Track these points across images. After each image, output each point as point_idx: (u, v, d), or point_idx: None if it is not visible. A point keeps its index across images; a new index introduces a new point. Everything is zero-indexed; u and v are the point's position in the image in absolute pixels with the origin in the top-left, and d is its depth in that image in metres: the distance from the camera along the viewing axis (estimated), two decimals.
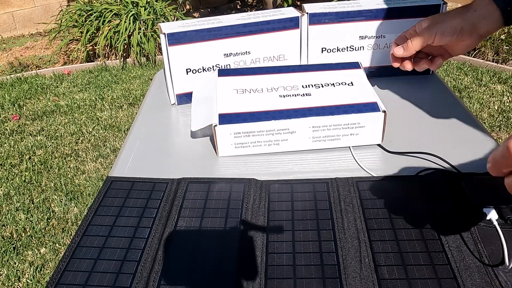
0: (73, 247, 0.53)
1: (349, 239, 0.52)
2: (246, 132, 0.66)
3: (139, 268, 0.50)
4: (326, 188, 0.60)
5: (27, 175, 2.07)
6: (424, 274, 0.47)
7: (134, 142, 0.75)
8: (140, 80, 3.00)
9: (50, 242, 1.67)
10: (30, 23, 3.97)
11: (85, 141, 2.33)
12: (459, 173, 0.61)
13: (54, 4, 3.97)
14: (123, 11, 3.14)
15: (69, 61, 3.40)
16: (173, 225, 0.55)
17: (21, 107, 2.73)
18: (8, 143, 2.35)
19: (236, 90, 0.72)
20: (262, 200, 0.58)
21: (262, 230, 0.54)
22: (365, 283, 0.46)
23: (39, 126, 2.50)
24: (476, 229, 0.52)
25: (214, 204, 0.58)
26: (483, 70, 2.75)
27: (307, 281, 0.47)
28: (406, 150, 0.67)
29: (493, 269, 0.47)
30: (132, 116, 2.55)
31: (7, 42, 3.83)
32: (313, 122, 0.66)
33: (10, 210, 1.85)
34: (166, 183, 0.62)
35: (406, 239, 0.51)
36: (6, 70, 3.31)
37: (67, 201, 1.89)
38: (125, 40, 3.10)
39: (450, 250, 0.49)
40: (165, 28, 0.77)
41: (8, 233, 1.73)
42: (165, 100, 0.86)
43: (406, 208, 0.56)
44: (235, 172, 0.65)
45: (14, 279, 1.52)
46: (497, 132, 2.18)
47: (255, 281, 0.47)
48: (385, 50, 0.85)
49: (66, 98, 2.80)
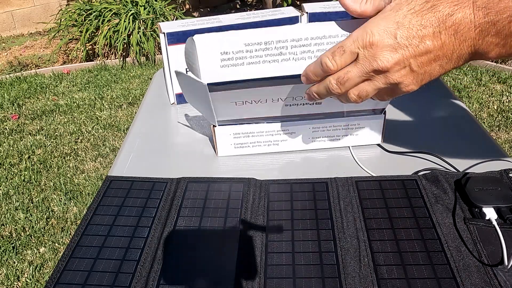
0: (72, 247, 0.53)
1: (349, 239, 0.52)
2: (245, 133, 0.66)
3: (139, 268, 0.49)
4: (326, 187, 0.60)
5: (26, 175, 2.07)
6: (423, 274, 0.47)
7: (133, 142, 0.74)
8: (139, 79, 2.99)
9: (50, 241, 1.67)
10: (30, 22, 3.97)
11: (84, 141, 2.33)
12: (459, 172, 0.61)
13: (53, 3, 3.96)
14: (123, 11, 3.14)
15: (68, 60, 3.39)
16: (173, 224, 0.55)
17: (20, 106, 2.73)
18: (7, 142, 2.35)
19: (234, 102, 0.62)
20: (262, 199, 0.58)
21: (261, 229, 0.54)
22: (364, 282, 0.46)
23: (39, 126, 2.50)
24: (475, 229, 0.52)
25: (214, 203, 0.58)
26: (483, 70, 2.76)
27: (306, 280, 0.47)
28: (405, 149, 0.67)
29: (492, 268, 0.47)
30: (132, 115, 2.55)
31: (6, 41, 3.82)
32: (313, 123, 0.66)
33: (10, 209, 1.85)
34: (165, 183, 0.62)
35: (405, 239, 0.51)
36: (5, 69, 3.30)
37: (67, 200, 1.89)
38: (124, 39, 3.10)
39: (449, 250, 0.49)
40: (164, 27, 0.77)
41: (8, 233, 1.73)
42: (165, 100, 0.86)
43: (404, 207, 0.56)
44: (234, 172, 0.65)
45: (13, 278, 1.52)
46: (497, 132, 2.18)
47: (255, 281, 0.47)
48: None
49: (66, 98, 2.80)
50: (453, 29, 0.40)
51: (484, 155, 0.65)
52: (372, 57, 0.43)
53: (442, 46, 0.41)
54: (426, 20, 0.41)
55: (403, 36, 0.41)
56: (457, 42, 0.41)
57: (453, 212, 0.55)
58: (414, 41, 0.41)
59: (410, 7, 0.42)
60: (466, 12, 0.40)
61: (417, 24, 0.41)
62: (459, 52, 0.42)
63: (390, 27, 0.42)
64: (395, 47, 0.42)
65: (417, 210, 0.55)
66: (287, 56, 0.53)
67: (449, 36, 0.41)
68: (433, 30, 0.41)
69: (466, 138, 0.70)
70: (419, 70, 0.43)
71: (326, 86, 0.47)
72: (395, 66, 0.42)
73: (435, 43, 0.41)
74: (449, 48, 0.41)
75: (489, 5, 0.39)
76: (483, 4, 0.39)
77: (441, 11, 0.41)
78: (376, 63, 0.42)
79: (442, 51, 0.41)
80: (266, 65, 0.54)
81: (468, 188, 0.56)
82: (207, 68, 0.55)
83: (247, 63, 0.54)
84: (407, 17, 0.42)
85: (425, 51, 0.41)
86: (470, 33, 0.40)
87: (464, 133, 0.71)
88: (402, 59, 0.42)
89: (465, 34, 0.40)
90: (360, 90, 0.45)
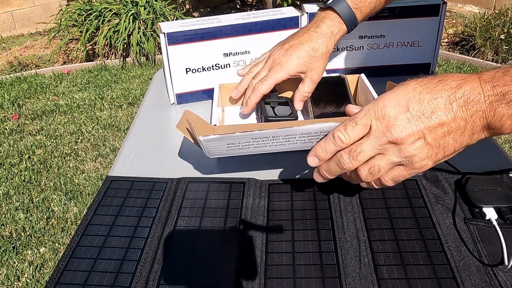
0: (72, 247, 0.53)
1: (349, 239, 0.52)
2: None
3: (139, 268, 0.49)
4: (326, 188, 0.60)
5: (26, 175, 2.07)
6: (423, 274, 0.47)
7: (133, 142, 0.74)
8: (139, 79, 2.99)
9: (50, 241, 1.67)
10: (30, 23, 3.97)
11: (84, 141, 2.33)
12: (459, 172, 0.61)
13: (53, 3, 3.96)
14: (123, 11, 3.14)
15: (68, 60, 3.39)
16: (173, 224, 0.55)
17: (20, 106, 2.73)
18: (7, 142, 2.35)
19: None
20: (262, 199, 0.58)
21: (261, 229, 0.54)
22: (364, 282, 0.46)
23: (39, 126, 2.50)
24: (475, 229, 0.52)
25: (214, 203, 0.58)
26: (483, 70, 2.75)
27: (306, 280, 0.47)
28: None
29: (493, 269, 0.47)
30: (132, 115, 2.55)
31: (6, 41, 3.82)
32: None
33: (10, 209, 1.85)
34: (165, 183, 0.62)
35: (405, 239, 0.51)
36: (5, 70, 3.30)
37: (67, 200, 1.89)
38: (124, 39, 3.10)
39: (449, 250, 0.49)
40: (164, 27, 0.77)
41: (8, 233, 1.73)
42: (165, 100, 0.86)
43: (405, 207, 0.56)
44: (234, 172, 0.65)
45: (13, 278, 1.52)
46: None
47: (255, 281, 0.47)
48: (385, 50, 0.85)
49: (66, 98, 2.80)
50: (464, 100, 0.40)
51: (484, 155, 0.65)
52: (385, 128, 0.42)
53: (454, 118, 0.41)
54: (436, 92, 0.41)
55: (415, 107, 0.41)
56: (469, 114, 0.40)
57: (453, 212, 0.55)
58: (426, 113, 0.41)
59: (418, 81, 0.42)
60: (473, 85, 0.40)
61: (427, 96, 0.41)
62: (472, 124, 0.41)
63: (401, 100, 0.42)
64: (409, 118, 0.42)
65: (417, 210, 0.55)
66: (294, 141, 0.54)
67: (460, 107, 0.40)
68: (444, 102, 0.41)
69: None
70: (434, 143, 0.42)
71: (337, 161, 0.46)
72: (409, 138, 0.42)
73: (447, 114, 0.41)
74: (462, 120, 0.41)
75: (495, 78, 0.39)
76: (489, 78, 0.40)
77: (449, 84, 0.41)
78: (390, 133, 0.42)
79: (455, 123, 0.41)
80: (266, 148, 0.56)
81: (468, 188, 0.56)
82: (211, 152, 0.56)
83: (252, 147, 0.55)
84: (417, 90, 0.42)
85: (438, 123, 0.41)
86: (481, 104, 0.40)
87: None
88: (416, 130, 0.41)
89: (475, 105, 0.40)
90: (371, 165, 0.44)
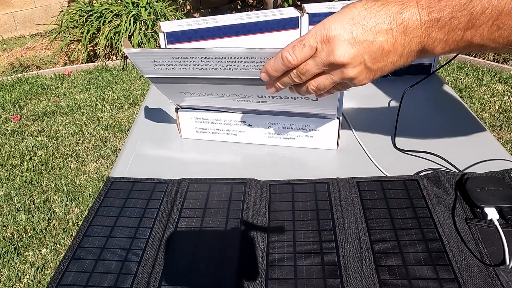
0: (74, 248, 0.53)
1: (350, 240, 0.52)
2: (205, 118, 0.71)
3: (140, 269, 0.49)
4: (327, 188, 0.60)
5: (27, 176, 2.07)
6: (425, 275, 0.47)
7: (134, 143, 0.75)
8: (140, 80, 3.00)
9: (51, 242, 1.67)
10: (31, 24, 3.97)
11: (85, 142, 2.33)
12: (460, 172, 0.61)
13: (54, 4, 3.97)
14: (124, 12, 3.14)
15: (69, 61, 3.40)
16: (174, 225, 0.55)
17: (21, 107, 2.73)
18: (8, 143, 2.35)
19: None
20: (263, 200, 0.58)
21: (263, 230, 0.54)
22: (366, 283, 0.46)
23: (40, 127, 2.50)
24: (477, 229, 0.51)
25: (215, 204, 0.58)
26: (484, 70, 2.75)
27: (308, 281, 0.47)
28: (407, 149, 0.67)
29: (494, 269, 0.47)
30: (133, 116, 2.55)
31: (7, 42, 3.83)
32: (268, 118, 0.69)
33: (11, 210, 1.85)
34: (166, 184, 0.62)
35: (407, 240, 0.51)
36: (6, 71, 3.31)
37: (68, 201, 1.89)
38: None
39: (451, 250, 0.49)
40: (164, 27, 0.77)
41: (9, 234, 1.73)
42: (166, 101, 0.86)
43: (406, 208, 0.55)
44: (235, 173, 0.65)
45: (15, 279, 1.52)
46: (498, 132, 2.18)
47: (256, 282, 0.47)
48: None
49: (67, 99, 2.80)
50: (403, 26, 0.43)
51: (485, 155, 0.65)
52: (330, 50, 0.45)
53: (394, 44, 0.43)
54: (379, 17, 0.43)
55: (358, 33, 0.44)
56: (407, 40, 0.43)
57: (455, 212, 0.54)
58: (369, 37, 0.43)
59: (363, 4, 0.44)
60: (412, 11, 0.43)
61: (371, 22, 0.43)
62: (409, 49, 0.44)
63: (346, 25, 0.44)
64: (351, 42, 0.44)
65: (419, 211, 0.55)
66: (214, 67, 0.56)
67: (400, 33, 0.43)
68: (385, 28, 0.43)
69: (467, 138, 0.70)
70: (373, 66, 0.45)
71: (289, 77, 0.49)
72: (351, 62, 0.44)
73: (388, 40, 0.43)
74: (400, 45, 0.44)
75: (431, 4, 0.42)
76: (425, 3, 0.42)
77: (391, 9, 0.43)
78: (333, 57, 0.44)
79: (394, 48, 0.44)
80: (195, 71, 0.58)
81: (470, 188, 0.56)
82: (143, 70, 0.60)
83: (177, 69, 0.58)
84: (362, 14, 0.44)
85: (378, 48, 0.44)
86: (417, 30, 0.43)
87: (466, 133, 0.71)
88: (358, 55, 0.44)
89: (413, 31, 0.43)
90: (319, 83, 0.48)
